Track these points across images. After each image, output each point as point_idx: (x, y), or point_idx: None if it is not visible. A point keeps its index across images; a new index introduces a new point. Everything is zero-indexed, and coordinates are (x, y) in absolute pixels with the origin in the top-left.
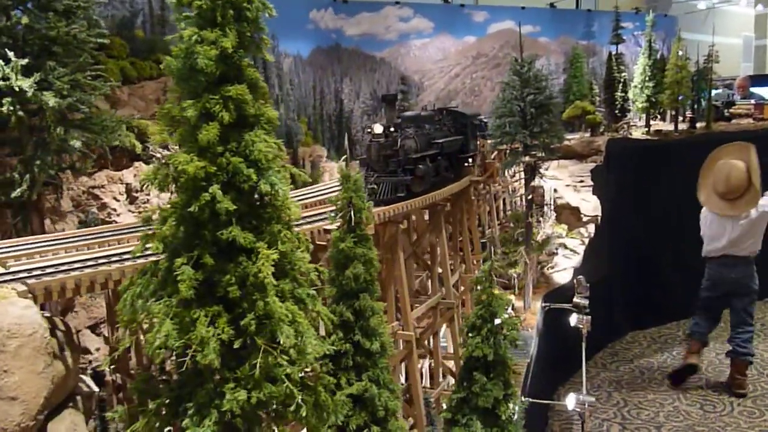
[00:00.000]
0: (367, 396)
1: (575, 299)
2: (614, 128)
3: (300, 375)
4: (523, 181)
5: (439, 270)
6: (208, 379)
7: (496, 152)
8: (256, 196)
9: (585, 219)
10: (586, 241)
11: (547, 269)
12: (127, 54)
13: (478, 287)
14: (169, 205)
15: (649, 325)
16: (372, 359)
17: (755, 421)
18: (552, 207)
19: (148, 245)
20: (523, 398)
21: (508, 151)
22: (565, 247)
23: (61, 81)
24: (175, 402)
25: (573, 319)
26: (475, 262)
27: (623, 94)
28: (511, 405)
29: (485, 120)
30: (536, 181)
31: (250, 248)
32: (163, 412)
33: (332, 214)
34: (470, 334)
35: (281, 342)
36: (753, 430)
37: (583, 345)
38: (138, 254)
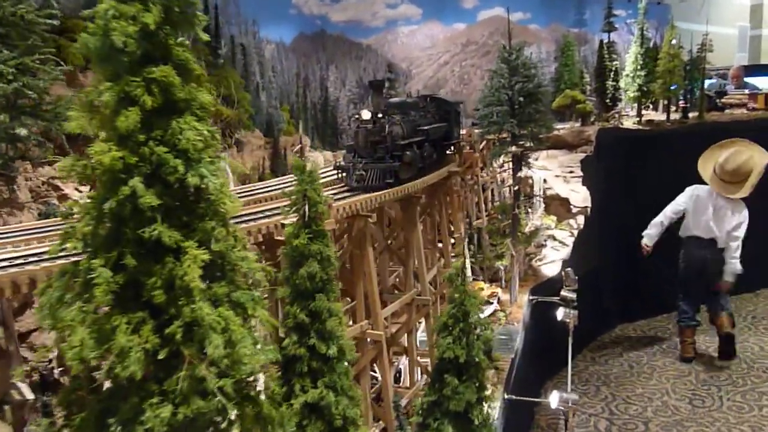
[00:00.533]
0: (323, 404)
1: (562, 292)
2: (605, 118)
3: (240, 386)
4: (511, 172)
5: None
6: (133, 393)
7: (484, 142)
8: (191, 189)
9: (574, 210)
10: (576, 232)
11: (535, 261)
12: None
13: (450, 284)
14: (89, 200)
15: (638, 318)
16: (329, 364)
17: (744, 416)
18: (541, 198)
19: (67, 244)
20: (505, 395)
21: (495, 141)
22: (554, 238)
23: (6, 65)
24: (101, 415)
25: (560, 313)
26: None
27: (614, 83)
28: (485, 409)
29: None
30: (524, 172)
31: (177, 248)
32: (89, 427)
33: (286, 208)
34: (441, 335)
35: (209, 353)
36: (742, 426)
37: (570, 340)
38: (55, 254)
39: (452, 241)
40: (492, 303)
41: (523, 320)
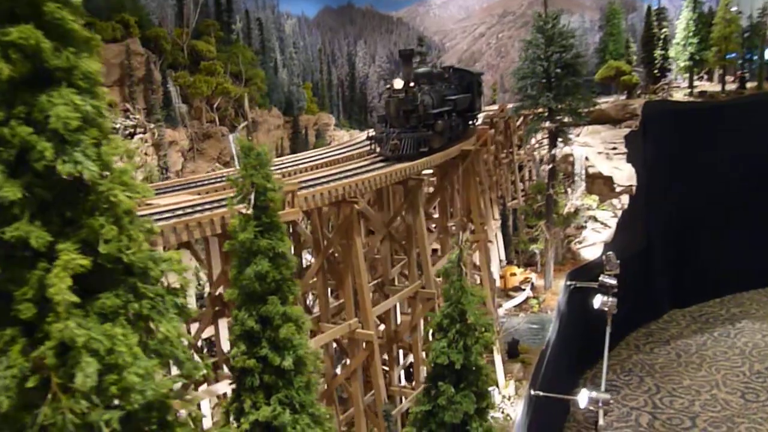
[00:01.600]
0: (277, 423)
1: (602, 278)
2: (652, 90)
3: (144, 416)
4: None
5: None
6: (3, 427)
7: (521, 117)
8: (86, 178)
9: (618, 189)
10: (619, 213)
11: (575, 244)
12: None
13: (446, 279)
14: None
15: (689, 303)
16: (285, 378)
17: None
18: (583, 176)
19: None
20: (532, 392)
21: (532, 116)
22: (595, 219)
23: None
24: None
25: (597, 301)
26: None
27: (663, 53)
28: (487, 420)
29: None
30: (563, 149)
31: (50, 251)
32: None
33: (232, 199)
34: (436, 337)
35: (77, 382)
36: None
37: (607, 330)
38: None
39: (472, 227)
40: (524, 289)
41: (557, 308)
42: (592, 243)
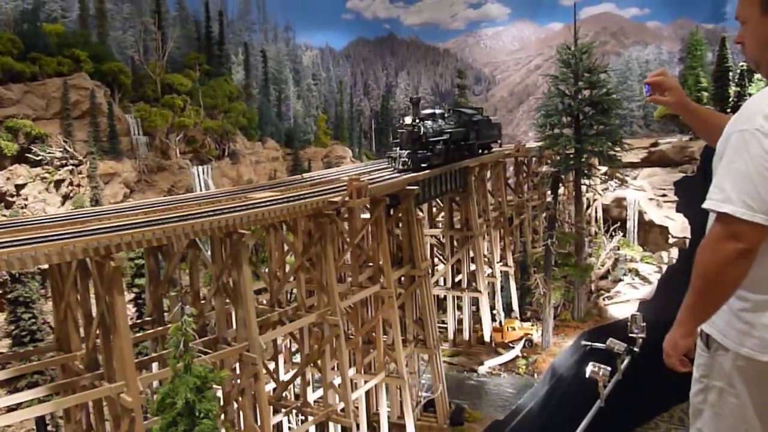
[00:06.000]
0: None
1: (609, 341)
2: None
3: None
4: (599, 190)
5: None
6: None
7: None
8: None
9: (672, 240)
10: (664, 267)
11: (604, 299)
12: (20, 50)
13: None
14: None
15: None
16: None
17: None
18: (635, 223)
19: None
20: None
21: (555, 156)
22: (637, 273)
23: None
24: None
25: (588, 369)
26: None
27: (738, 89)
28: None
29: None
30: (613, 191)
31: None
32: None
33: None
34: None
35: None
36: None
37: (597, 403)
38: None
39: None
40: (513, 348)
41: (549, 371)
42: (626, 300)
